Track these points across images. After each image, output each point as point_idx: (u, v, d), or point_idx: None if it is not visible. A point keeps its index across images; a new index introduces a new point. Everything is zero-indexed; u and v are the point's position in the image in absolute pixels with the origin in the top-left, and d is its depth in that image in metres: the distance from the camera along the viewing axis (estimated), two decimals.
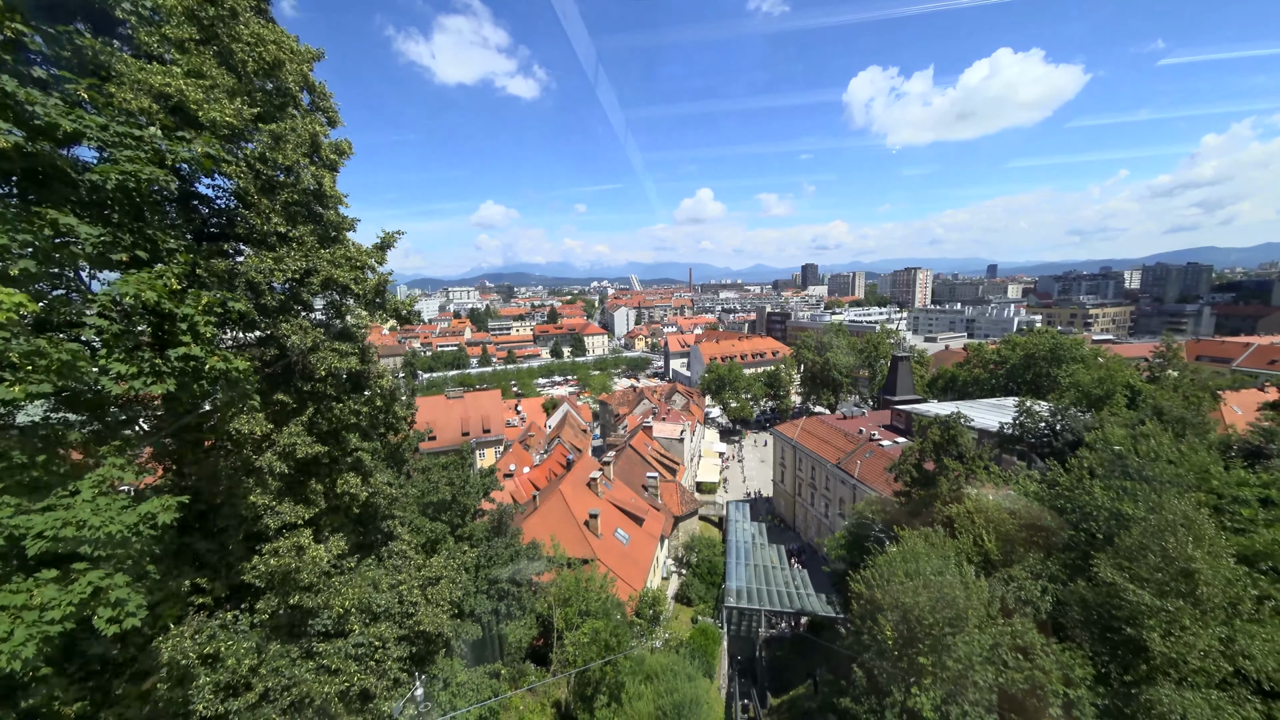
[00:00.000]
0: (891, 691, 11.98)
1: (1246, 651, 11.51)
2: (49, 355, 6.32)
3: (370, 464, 9.89)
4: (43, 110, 6.05)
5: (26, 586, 6.28)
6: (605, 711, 17.12)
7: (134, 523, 6.99)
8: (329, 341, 9.04)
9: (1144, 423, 17.79)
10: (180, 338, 7.29)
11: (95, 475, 6.86)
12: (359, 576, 9.94)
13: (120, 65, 6.80)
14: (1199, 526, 12.30)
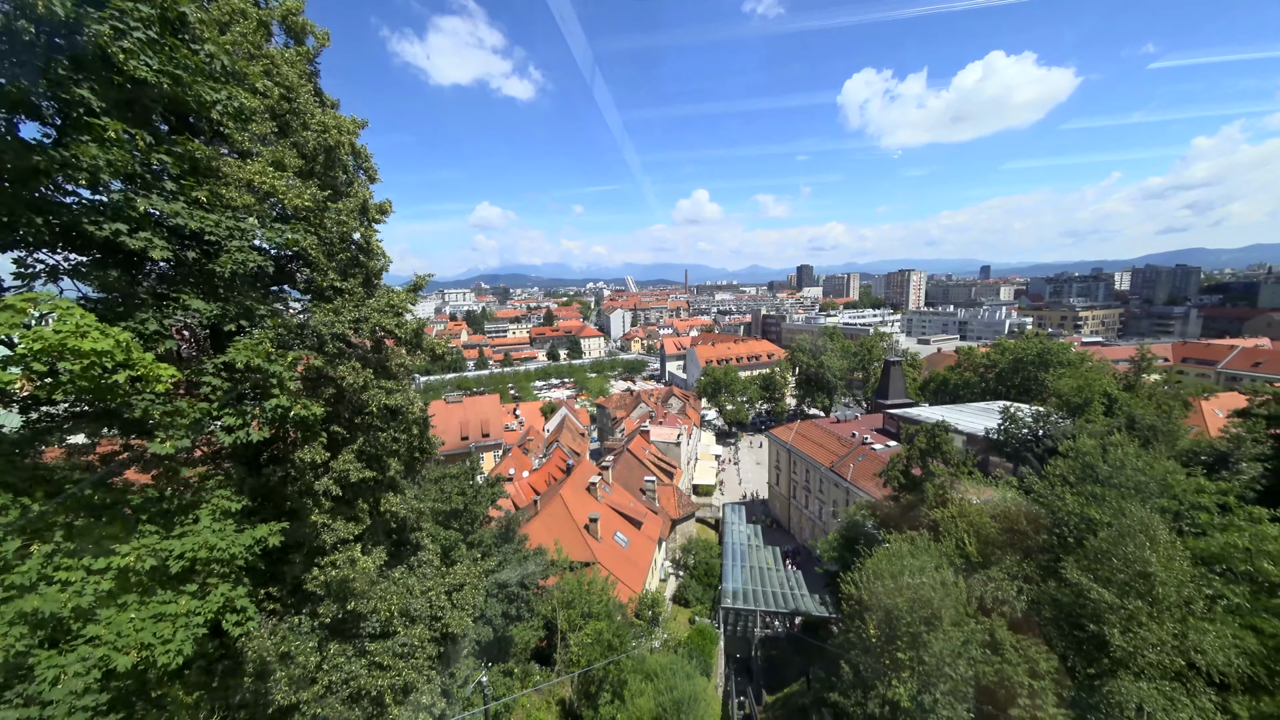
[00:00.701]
0: (875, 685, 13.04)
1: (1198, 646, 12.60)
2: (187, 414, 7.54)
3: (403, 483, 10.99)
4: (182, 220, 7.27)
5: (176, 598, 7.19)
6: (609, 708, 18.09)
7: (250, 544, 8.38)
8: (376, 380, 10.07)
9: (1114, 433, 18.91)
10: (272, 390, 8.57)
11: (210, 505, 7.85)
12: (397, 584, 11.06)
13: (225, 167, 7.84)
14: (1156, 532, 13.40)
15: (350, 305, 9.80)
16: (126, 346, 6.51)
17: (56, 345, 5.96)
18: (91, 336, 6.13)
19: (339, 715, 9.84)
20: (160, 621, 7.28)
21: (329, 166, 10.10)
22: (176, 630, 7.30)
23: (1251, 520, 14.90)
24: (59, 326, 6.03)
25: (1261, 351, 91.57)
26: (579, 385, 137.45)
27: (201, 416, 7.47)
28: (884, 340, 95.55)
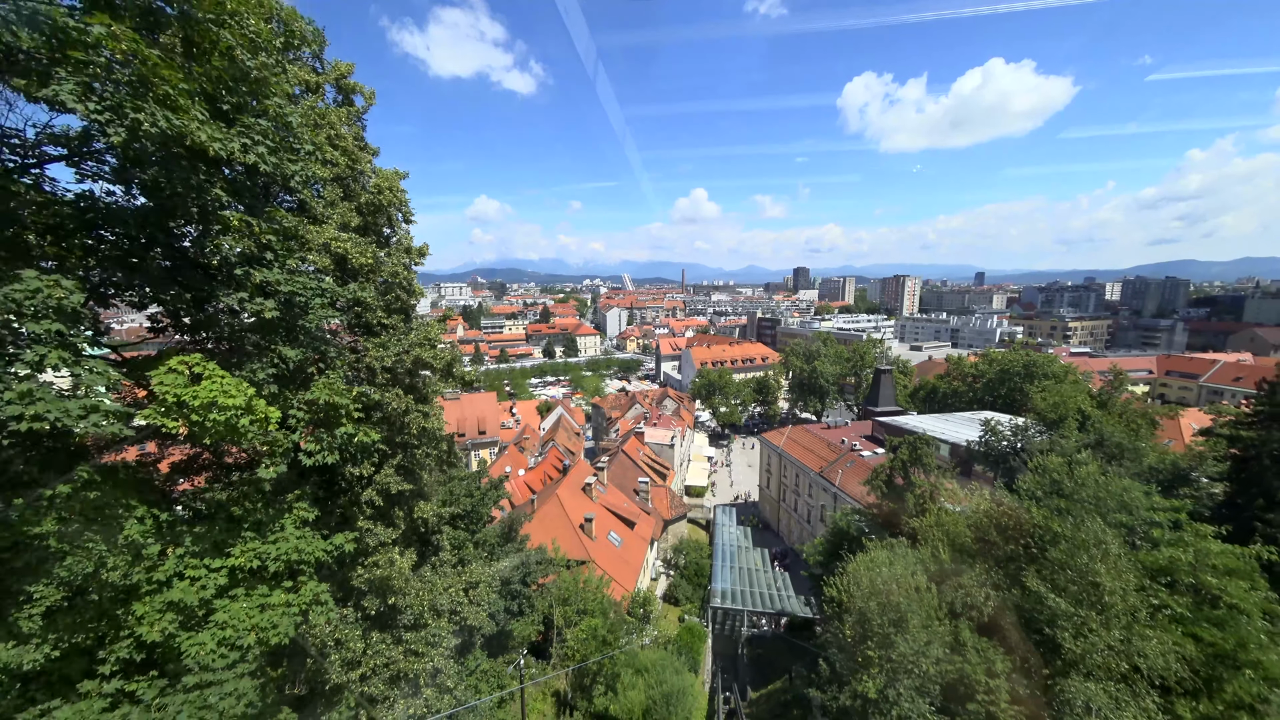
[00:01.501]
0: (849, 680, 14.26)
1: (1141, 651, 13.88)
2: (282, 443, 8.88)
3: (431, 492, 12.21)
4: (283, 286, 8.59)
5: (273, 592, 8.38)
6: (603, 699, 19.26)
7: (330, 549, 9.93)
8: (416, 405, 11.22)
9: (1081, 450, 20.23)
10: (341, 420, 9.90)
11: (293, 516, 8.95)
12: (426, 582, 12.26)
13: (306, 233, 8.95)
14: (1107, 546, 14.66)
15: (394, 339, 10.98)
16: (250, 398, 7.90)
17: (209, 401, 7.27)
18: (231, 393, 7.59)
19: (381, 694, 10.92)
20: (265, 610, 8.69)
21: (377, 216, 11.27)
22: (280, 617, 8.82)
23: (1197, 536, 16.23)
24: (209, 386, 7.10)
25: (1243, 367, 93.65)
26: (574, 383, 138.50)
27: (292, 445, 8.61)
28: (876, 347, 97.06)
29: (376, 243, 11.41)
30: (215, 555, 8.46)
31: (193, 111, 6.96)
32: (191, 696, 7.73)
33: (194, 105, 7.04)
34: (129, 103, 6.47)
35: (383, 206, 11.70)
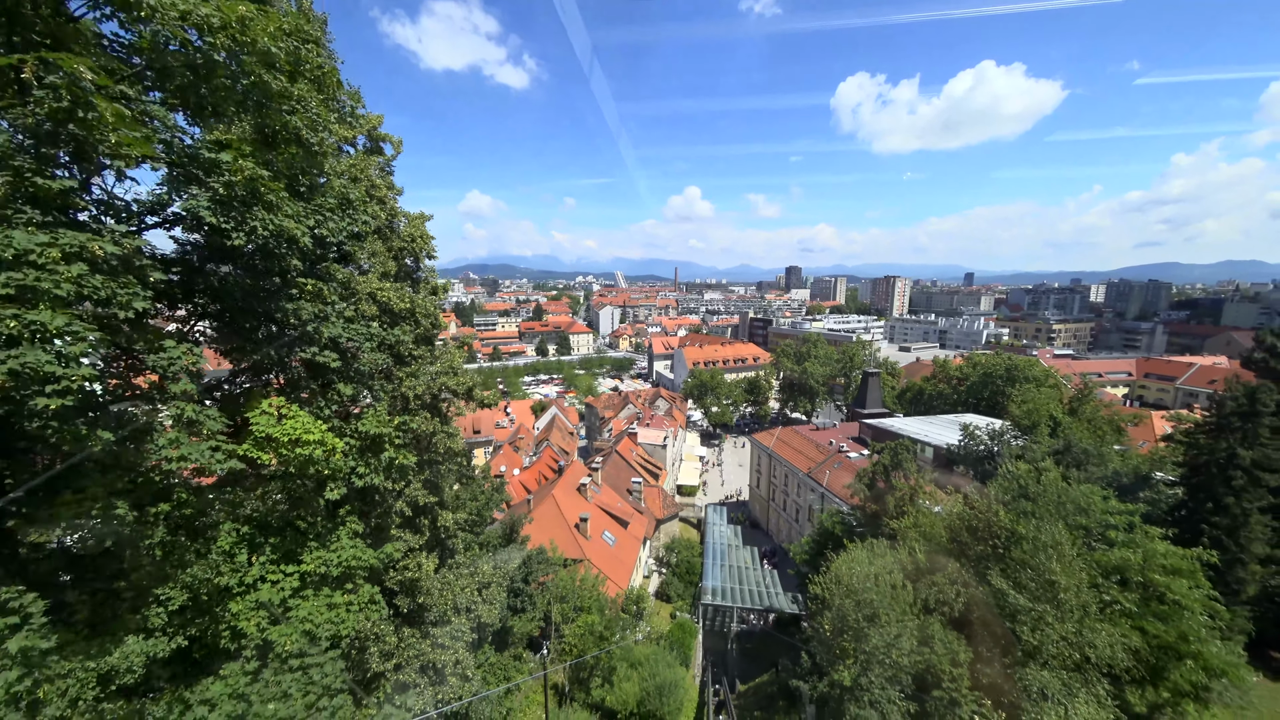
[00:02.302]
0: (828, 671, 15.53)
1: (1091, 643, 15.27)
2: (343, 468, 10.24)
3: (451, 502, 13.40)
4: (344, 337, 9.74)
5: (334, 594, 9.53)
6: (600, 691, 20.44)
7: (381, 557, 10.80)
8: (442, 427, 12.37)
9: (1044, 459, 21.66)
10: (385, 446, 11.21)
11: (347, 528, 10.09)
12: (448, 584, 13.41)
13: (356, 284, 10.05)
14: (1063, 548, 16.03)
15: (422, 368, 12.14)
16: (323, 434, 9.31)
17: (294, 437, 8.48)
18: (310, 430, 9.05)
19: (412, 681, 12.09)
20: (332, 609, 10.10)
21: (405, 257, 12.39)
22: (345, 614, 10.35)
23: (1147, 538, 17.68)
24: (292, 424, 8.27)
25: (1218, 370, 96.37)
26: (567, 382, 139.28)
27: (348, 470, 9.73)
28: (865, 349, 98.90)
29: (407, 280, 12.55)
30: (288, 562, 9.85)
31: (286, 209, 8.37)
32: (297, 675, 9.35)
33: (286, 203, 8.41)
34: (246, 211, 7.97)
35: (412, 250, 13.01)
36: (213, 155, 7.58)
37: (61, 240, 6.53)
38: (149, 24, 6.91)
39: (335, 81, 9.57)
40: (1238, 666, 16.22)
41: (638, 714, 22.42)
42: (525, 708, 20.69)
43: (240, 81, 7.74)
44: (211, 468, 7.96)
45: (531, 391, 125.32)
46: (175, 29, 7.00)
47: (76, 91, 6.17)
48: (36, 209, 6.73)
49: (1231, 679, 15.99)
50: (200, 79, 7.58)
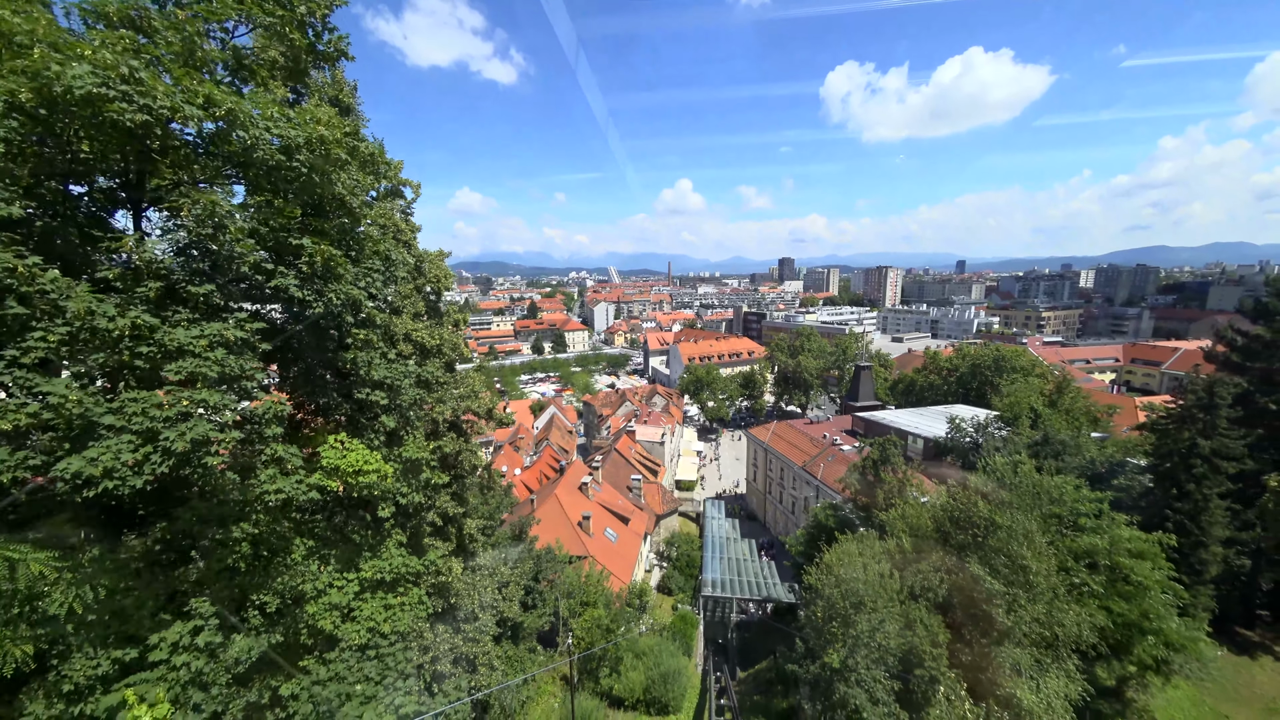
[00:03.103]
0: (819, 654, 16.78)
1: (1060, 622, 16.61)
2: (390, 491, 11.64)
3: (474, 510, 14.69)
4: (391, 378, 10.91)
5: (388, 596, 10.72)
6: (608, 680, 21.69)
7: (426, 563, 11.67)
8: (466, 446, 13.52)
9: (1019, 452, 22.97)
10: (423, 468, 11.99)
11: (393, 539, 11.26)
12: (474, 585, 14.63)
13: (394, 327, 11.15)
14: (1034, 537, 17.33)
15: (448, 393, 13.31)
16: (379, 463, 10.59)
17: (358, 467, 9.51)
18: (370, 461, 10.24)
19: (447, 671, 13.30)
20: (388, 609, 11.64)
21: (429, 293, 13.50)
22: (399, 613, 12.07)
23: (1113, 523, 19.04)
24: (354, 457, 9.43)
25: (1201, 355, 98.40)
26: (564, 380, 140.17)
27: (393, 491, 10.90)
28: (858, 341, 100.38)
29: (434, 316, 13.73)
30: (348, 570, 11.29)
31: (348, 277, 9.84)
32: (374, 662, 11.20)
33: (348, 272, 9.85)
34: (324, 285, 9.66)
35: (436, 287, 13.94)
36: (297, 241, 9.06)
37: (207, 331, 8.38)
38: (252, 149, 8.59)
39: (377, 157, 10.96)
40: (1196, 641, 17.64)
41: (644, 701, 23.76)
42: (538, 697, 21.93)
43: (313, 176, 9.22)
44: (298, 497, 9.39)
45: (529, 390, 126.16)
46: (269, 149, 8.65)
47: (216, 218, 8.06)
48: (186, 308, 8.59)
49: (1190, 652, 17.39)
50: (274, 171, 9.08)
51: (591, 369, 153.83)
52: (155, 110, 7.69)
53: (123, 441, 7.64)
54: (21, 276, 7.41)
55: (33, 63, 7.38)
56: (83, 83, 7.19)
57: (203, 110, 8.17)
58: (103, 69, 7.40)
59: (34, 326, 7.56)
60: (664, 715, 24.12)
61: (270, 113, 8.51)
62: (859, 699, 15.21)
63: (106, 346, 7.93)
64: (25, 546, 7.56)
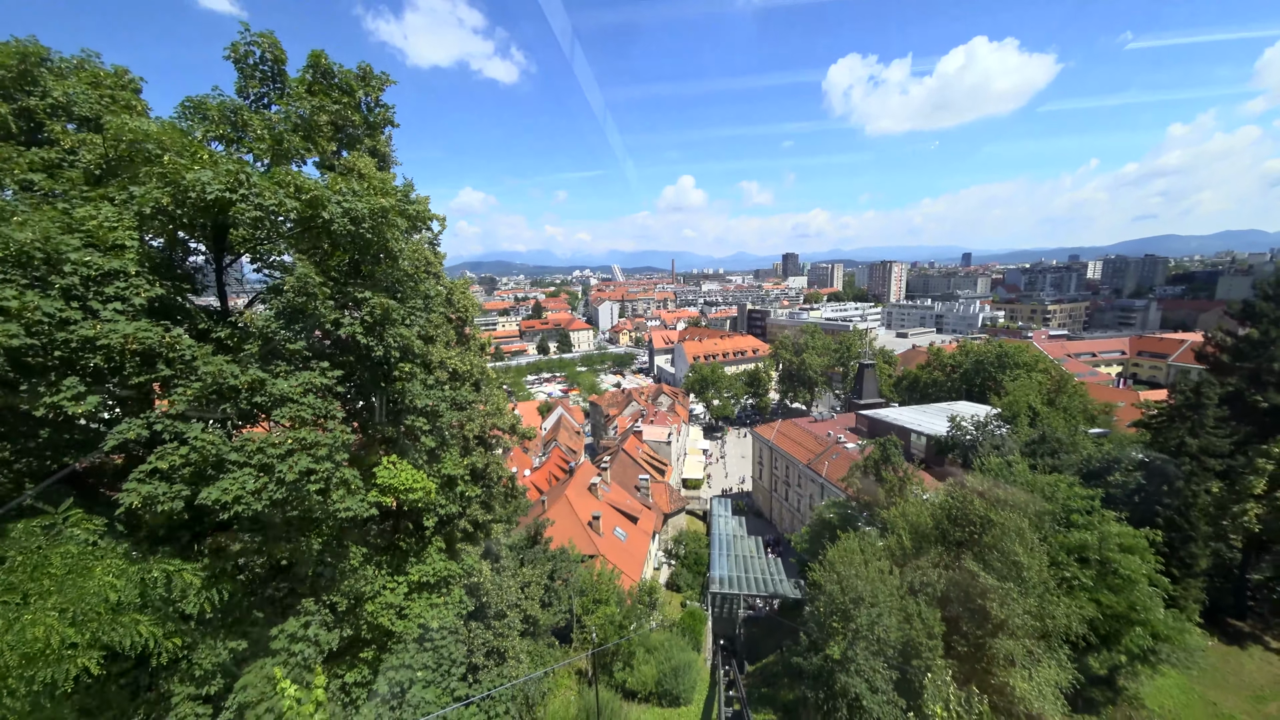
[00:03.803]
0: (822, 647, 17.76)
1: (1051, 615, 17.48)
2: (434, 504, 12.76)
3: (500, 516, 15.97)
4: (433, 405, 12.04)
5: (433, 595, 11.91)
6: (622, 674, 22.75)
7: (465, 566, 12.76)
8: (493, 458, 14.64)
9: (1014, 451, 23.79)
10: (458, 482, 12.91)
11: (434, 546, 12.43)
12: (501, 586, 15.79)
13: (431, 357, 12.34)
14: (1026, 534, 18.19)
15: (475, 410, 14.43)
16: (425, 481, 11.95)
17: (408, 485, 10.53)
18: (418, 479, 11.09)
19: (481, 663, 14.52)
20: (433, 608, 12.92)
21: (459, 324, 14.68)
22: (444, 611, 13.48)
23: (1102, 520, 19.86)
24: (403, 476, 10.63)
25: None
26: (570, 379, 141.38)
27: (436, 503, 12.07)
28: (862, 338, 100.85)
29: (463, 342, 14.87)
30: (398, 574, 12.75)
31: (401, 322, 11.32)
32: (430, 653, 13.30)
33: (401, 316, 11.25)
34: (383, 330, 11.11)
35: (464, 316, 15.08)
36: (362, 295, 10.51)
37: (301, 380, 10.06)
38: (329, 223, 10.21)
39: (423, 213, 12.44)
40: (1182, 632, 18.48)
41: (655, 694, 24.82)
42: (555, 689, 23.03)
43: (374, 238, 10.79)
44: (361, 514, 10.75)
45: (535, 391, 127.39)
46: (342, 221, 10.10)
47: (309, 289, 9.85)
48: (285, 362, 10.33)
49: (1176, 643, 18.23)
50: (344, 237, 10.58)
51: (597, 368, 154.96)
52: (265, 207, 9.51)
53: (246, 474, 9.36)
54: (167, 345, 9.20)
55: (166, 169, 9.03)
56: (212, 189, 8.94)
57: (294, 200, 9.70)
58: (225, 176, 9.15)
59: (177, 383, 9.41)
60: (675, 707, 25.18)
61: (341, 186, 10.11)
62: (859, 688, 16.18)
63: (231, 398, 9.76)
64: (178, 560, 9.29)
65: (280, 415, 9.85)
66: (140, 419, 9.22)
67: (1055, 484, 21.25)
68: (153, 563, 9.11)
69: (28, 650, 6.24)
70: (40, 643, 6.32)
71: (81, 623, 7.30)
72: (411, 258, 11.83)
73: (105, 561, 8.17)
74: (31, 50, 10.21)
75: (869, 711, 16.19)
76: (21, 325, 7.97)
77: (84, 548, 8.35)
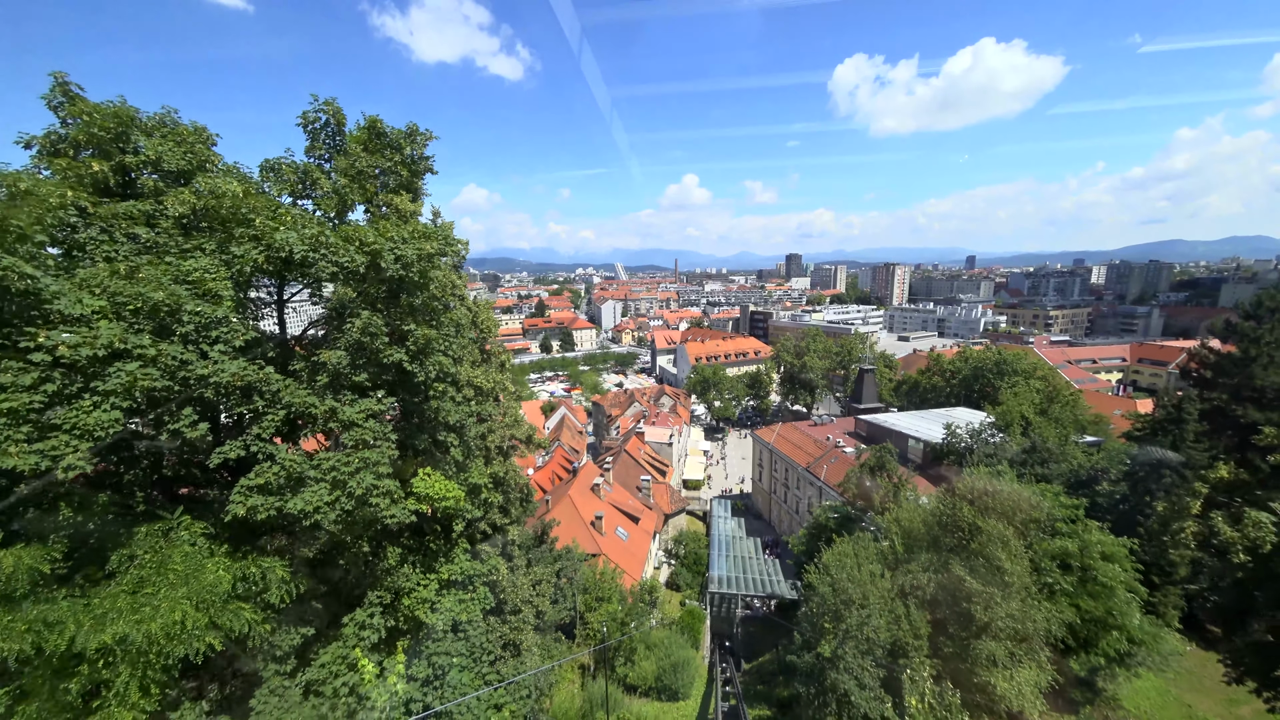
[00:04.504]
0: (814, 645, 18.74)
1: (1031, 618, 18.42)
2: (467, 511, 14.17)
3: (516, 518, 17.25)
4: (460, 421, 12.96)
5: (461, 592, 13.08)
6: (623, 668, 23.80)
7: (488, 566, 13.93)
8: (511, 466, 15.78)
9: (1001, 462, 24.71)
10: (482, 490, 13.97)
11: (460, 547, 13.57)
12: (516, 584, 16.94)
13: (459, 376, 13.43)
14: (1011, 542, 19.12)
15: (497, 422, 15.61)
16: (456, 490, 13.22)
17: (442, 494, 11.65)
18: (451, 489, 12.14)
19: (498, 654, 15.68)
20: (461, 604, 14.25)
21: (481, 342, 15.85)
22: (471, 605, 14.92)
23: (1085, 529, 20.80)
24: (437, 485, 11.74)
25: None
26: (573, 379, 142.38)
27: (464, 510, 13.24)
28: (863, 342, 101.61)
29: (485, 359, 16.03)
30: (429, 573, 14.05)
31: (439, 349, 12.78)
32: (463, 641, 14.66)
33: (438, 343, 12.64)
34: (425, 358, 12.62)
35: (486, 334, 16.19)
36: (408, 327, 11.81)
37: (362, 406, 11.66)
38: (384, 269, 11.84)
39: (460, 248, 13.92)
40: (1156, 637, 19.41)
41: (655, 689, 25.89)
42: (559, 682, 24.11)
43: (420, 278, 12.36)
44: (404, 520, 12.14)
45: (538, 390, 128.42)
46: (395, 269, 11.67)
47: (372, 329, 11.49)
48: (351, 392, 12.08)
49: (1150, 648, 19.17)
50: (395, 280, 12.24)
51: (600, 367, 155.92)
52: (339, 263, 11.24)
53: (322, 489, 10.91)
54: (260, 380, 10.74)
55: (259, 231, 10.77)
56: (299, 250, 10.83)
57: (361, 255, 11.30)
58: (308, 240, 10.97)
59: (265, 412, 10.96)
60: (674, 702, 26.25)
61: (393, 234, 11.59)
62: (848, 684, 17.18)
63: (310, 424, 11.70)
64: (272, 558, 10.80)
65: (349, 439, 11.50)
66: (239, 440, 10.86)
67: (1042, 493, 22.16)
68: (250, 560, 10.55)
69: (169, 631, 7.43)
70: (178, 625, 7.54)
71: (203, 609, 8.69)
72: (441, 283, 12.88)
73: (214, 559, 9.60)
74: (125, 112, 11.74)
75: (856, 706, 17.18)
76: (158, 369, 9.42)
77: (194, 548, 9.83)
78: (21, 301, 8.67)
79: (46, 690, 8.18)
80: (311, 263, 11.04)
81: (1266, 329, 22.73)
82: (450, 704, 13.80)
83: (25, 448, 8.04)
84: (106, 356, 8.76)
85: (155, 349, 9.24)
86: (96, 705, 8.41)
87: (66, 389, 8.64)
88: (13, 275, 8.19)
